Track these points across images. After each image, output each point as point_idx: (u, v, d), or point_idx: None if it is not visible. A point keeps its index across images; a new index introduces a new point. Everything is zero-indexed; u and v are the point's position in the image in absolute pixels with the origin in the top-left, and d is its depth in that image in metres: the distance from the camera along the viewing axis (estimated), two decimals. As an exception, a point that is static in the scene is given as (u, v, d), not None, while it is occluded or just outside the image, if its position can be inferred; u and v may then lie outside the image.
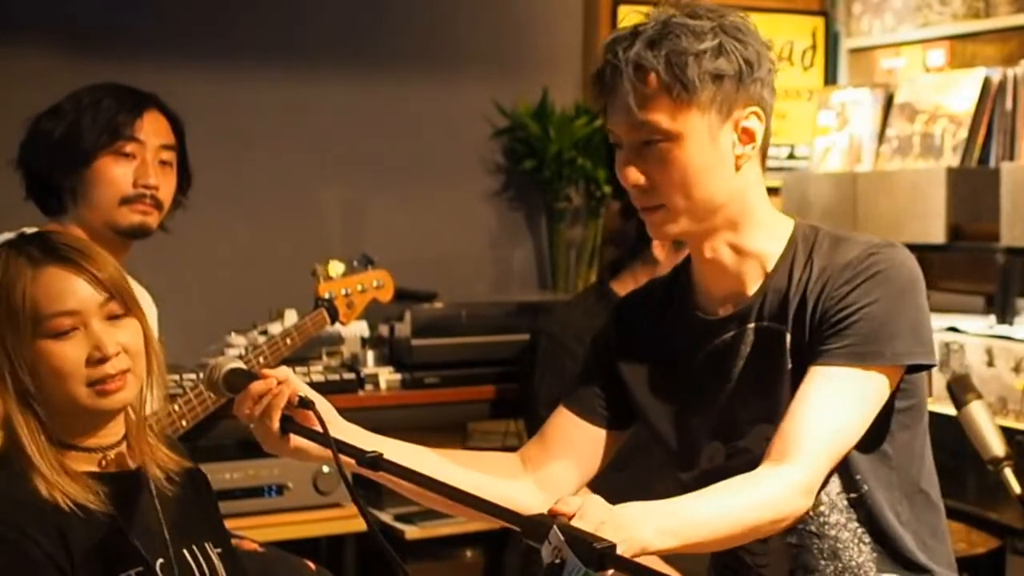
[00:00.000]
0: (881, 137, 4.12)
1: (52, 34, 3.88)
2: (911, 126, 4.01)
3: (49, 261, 1.77)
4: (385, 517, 3.67)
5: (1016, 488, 2.69)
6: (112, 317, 1.80)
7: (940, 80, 4.03)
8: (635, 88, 1.79)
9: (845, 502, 1.88)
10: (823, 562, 1.90)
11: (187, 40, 4.04)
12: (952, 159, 3.81)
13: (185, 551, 1.87)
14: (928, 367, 1.86)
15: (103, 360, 1.77)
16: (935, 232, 3.70)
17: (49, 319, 1.75)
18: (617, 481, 3.27)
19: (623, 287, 3.36)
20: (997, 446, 2.70)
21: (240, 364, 1.79)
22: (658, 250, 3.27)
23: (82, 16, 3.92)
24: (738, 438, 1.91)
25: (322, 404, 1.75)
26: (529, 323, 3.56)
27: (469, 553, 3.82)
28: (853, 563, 1.89)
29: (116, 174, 2.56)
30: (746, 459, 1.87)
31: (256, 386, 1.74)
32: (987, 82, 3.78)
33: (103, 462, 1.84)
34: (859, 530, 1.89)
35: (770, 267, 1.90)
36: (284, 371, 1.77)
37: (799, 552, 1.90)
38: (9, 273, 1.77)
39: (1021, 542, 3.38)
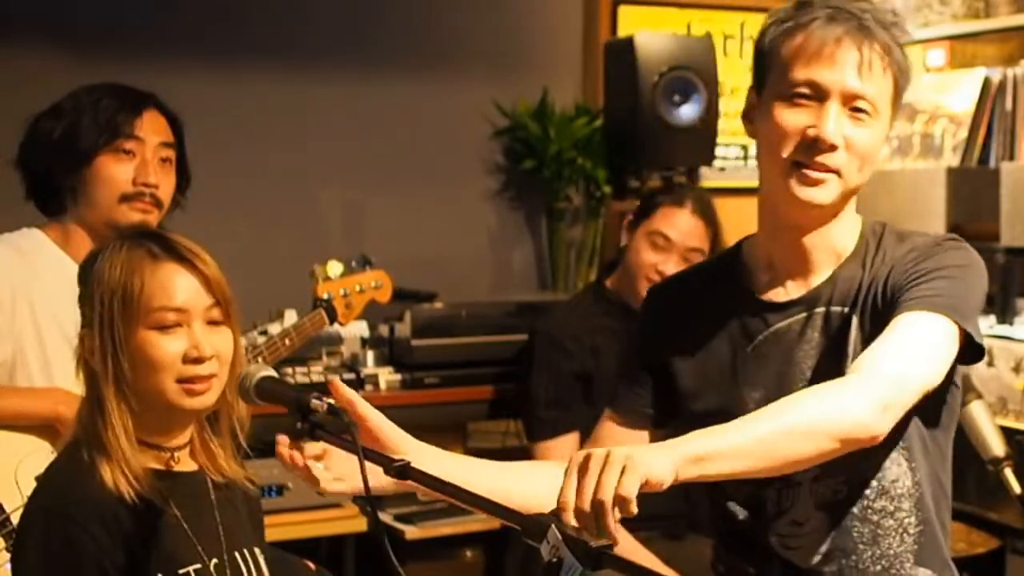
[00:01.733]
0: (881, 137, 4.12)
1: (52, 34, 3.88)
2: (911, 126, 4.01)
3: (168, 258, 1.86)
4: (385, 517, 3.67)
5: (1016, 488, 2.69)
6: (212, 322, 1.87)
7: (940, 80, 4.03)
8: (872, 54, 1.83)
9: (900, 490, 1.90)
10: (861, 546, 1.91)
11: (187, 40, 4.04)
12: (952, 159, 3.81)
13: (237, 554, 1.92)
14: (980, 353, 1.85)
15: (198, 360, 1.84)
16: (935, 232, 3.69)
17: (157, 311, 1.83)
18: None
19: (617, 284, 3.37)
20: (997, 446, 2.70)
21: (271, 371, 1.78)
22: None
23: (82, 16, 3.92)
24: None
25: (391, 428, 1.73)
26: (529, 323, 3.57)
27: (469, 553, 3.82)
28: (891, 551, 1.91)
29: (116, 172, 2.55)
30: None
31: (282, 455, 1.72)
32: (987, 82, 3.78)
33: (171, 462, 1.90)
34: (906, 520, 1.91)
35: (842, 257, 1.94)
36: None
37: (838, 534, 1.91)
38: (131, 263, 1.84)
39: (1021, 542, 3.38)
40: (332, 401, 1.72)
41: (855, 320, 1.88)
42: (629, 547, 3.06)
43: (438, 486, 1.59)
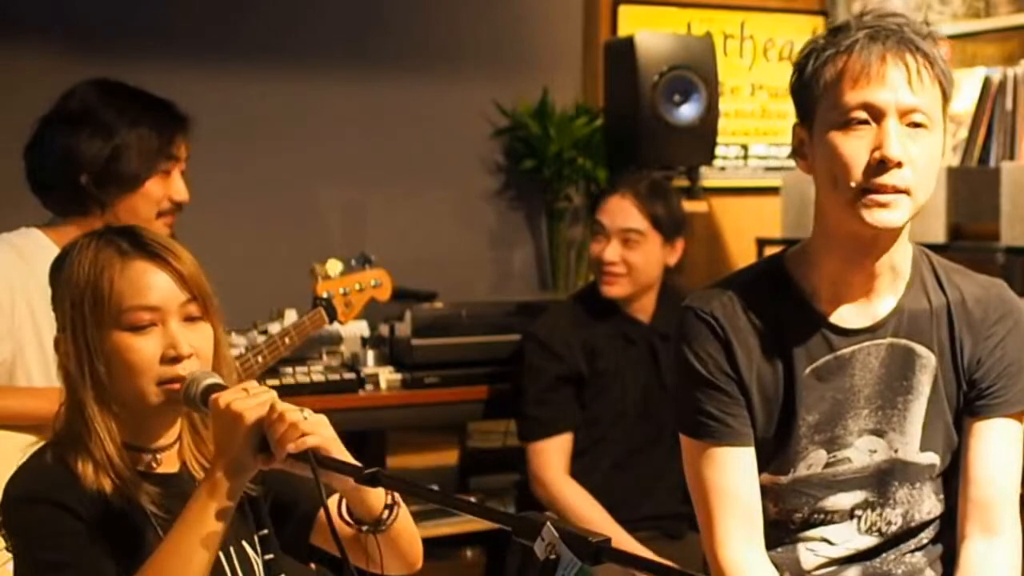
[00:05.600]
0: (881, 137, 4.12)
1: (52, 34, 3.88)
2: (911, 126, 4.01)
3: (138, 255, 1.78)
4: (386, 517, 3.66)
5: (1016, 487, 2.69)
6: (189, 318, 1.79)
7: (940, 80, 4.02)
8: (919, 65, 1.82)
9: (929, 518, 2.00)
10: (884, 557, 1.99)
11: (187, 40, 4.05)
12: (952, 159, 3.81)
13: (220, 552, 1.83)
14: None
15: (176, 360, 1.76)
16: (935, 232, 3.69)
17: (130, 312, 1.75)
18: (618, 482, 3.29)
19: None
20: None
21: (217, 379, 1.77)
22: None
23: (82, 16, 3.92)
24: (841, 448, 1.94)
25: None
26: (528, 323, 3.57)
27: (469, 553, 3.81)
28: (912, 560, 2.01)
29: (159, 192, 2.61)
30: (844, 468, 1.92)
31: None
32: (987, 82, 3.77)
33: (152, 464, 1.83)
34: (925, 540, 2.00)
35: (901, 283, 1.95)
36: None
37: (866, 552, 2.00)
38: (98, 262, 1.76)
39: (1021, 542, 3.37)
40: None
41: (934, 363, 1.93)
42: (629, 547, 3.06)
43: (416, 491, 1.60)
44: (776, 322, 1.94)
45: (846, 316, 1.93)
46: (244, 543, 1.90)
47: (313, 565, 2.68)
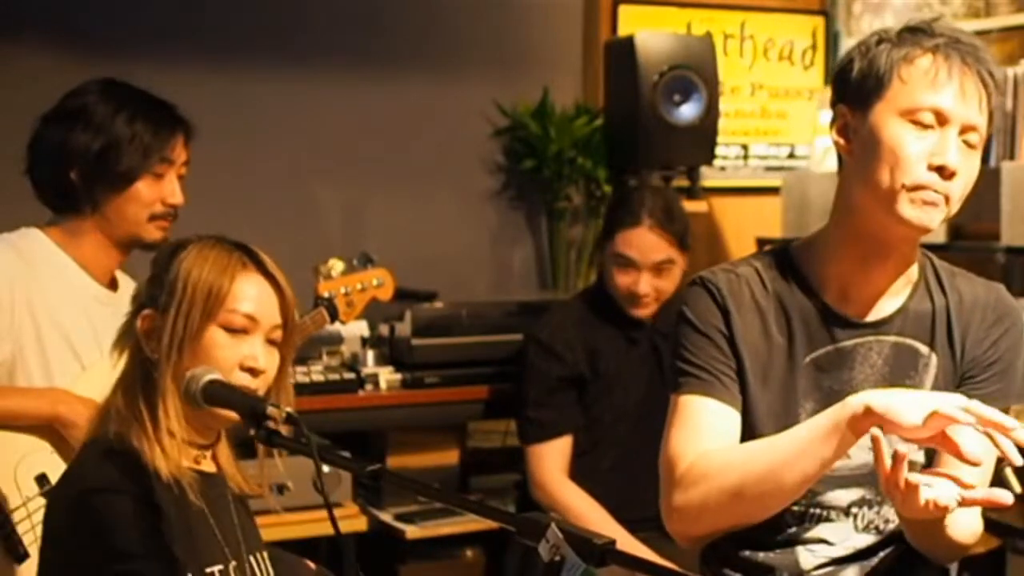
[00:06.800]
0: (881, 137, 4.11)
1: (52, 34, 3.87)
2: (911, 126, 4.00)
3: (258, 270, 1.93)
4: (385, 517, 3.67)
5: (1017, 487, 2.69)
6: (271, 341, 1.92)
7: (940, 80, 4.02)
8: (989, 89, 1.87)
9: None
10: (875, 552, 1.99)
11: (187, 40, 4.04)
12: (952, 159, 3.81)
13: (251, 557, 1.95)
14: None
15: (252, 371, 1.88)
16: (935, 231, 3.68)
17: (232, 312, 1.88)
18: (620, 482, 3.29)
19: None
20: (997, 446, 2.69)
21: (217, 375, 1.83)
22: None
23: (82, 16, 3.92)
24: None
25: None
26: (529, 323, 3.57)
27: (469, 553, 3.81)
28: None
29: (150, 195, 2.58)
30: (843, 464, 1.90)
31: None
32: (987, 82, 3.77)
33: (199, 458, 1.93)
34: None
35: (909, 285, 1.97)
36: None
37: (862, 552, 2.00)
38: (223, 263, 1.91)
39: (1021, 541, 3.38)
40: (290, 409, 1.74)
41: (934, 361, 1.95)
42: (630, 546, 3.06)
43: (423, 491, 1.59)
44: (780, 306, 1.96)
45: (851, 310, 1.95)
46: (265, 554, 1.99)
47: (313, 565, 2.68)
